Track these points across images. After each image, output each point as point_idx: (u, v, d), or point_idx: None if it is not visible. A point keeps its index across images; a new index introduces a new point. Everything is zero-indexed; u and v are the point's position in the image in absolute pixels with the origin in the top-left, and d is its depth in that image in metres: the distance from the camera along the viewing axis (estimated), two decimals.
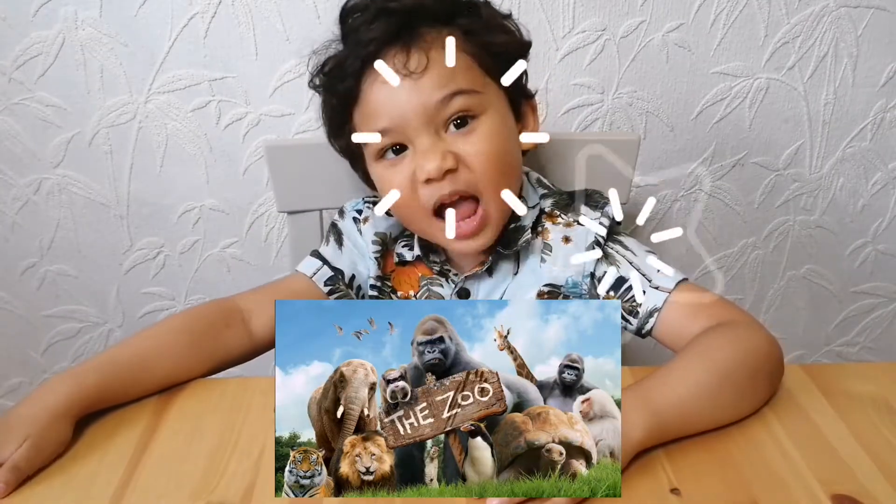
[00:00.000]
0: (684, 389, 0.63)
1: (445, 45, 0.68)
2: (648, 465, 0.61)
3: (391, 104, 0.72)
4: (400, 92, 0.71)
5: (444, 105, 0.71)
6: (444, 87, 0.71)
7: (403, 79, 0.70)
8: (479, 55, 0.74)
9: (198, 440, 0.65)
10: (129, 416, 0.68)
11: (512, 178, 0.77)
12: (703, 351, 0.67)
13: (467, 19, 0.75)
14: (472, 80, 0.73)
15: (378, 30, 0.72)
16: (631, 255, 0.79)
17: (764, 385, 0.68)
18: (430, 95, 0.71)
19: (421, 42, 0.72)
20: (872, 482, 0.59)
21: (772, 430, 0.65)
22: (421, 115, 0.71)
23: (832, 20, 1.14)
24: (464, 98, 0.72)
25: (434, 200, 0.73)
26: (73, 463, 0.63)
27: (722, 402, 0.64)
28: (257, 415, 0.68)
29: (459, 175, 0.72)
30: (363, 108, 0.75)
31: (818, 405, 0.69)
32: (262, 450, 0.64)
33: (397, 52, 0.72)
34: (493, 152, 0.73)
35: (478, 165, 0.73)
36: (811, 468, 0.61)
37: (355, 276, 0.85)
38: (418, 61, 0.71)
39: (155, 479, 0.61)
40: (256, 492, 0.59)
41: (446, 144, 0.72)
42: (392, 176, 0.74)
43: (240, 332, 0.79)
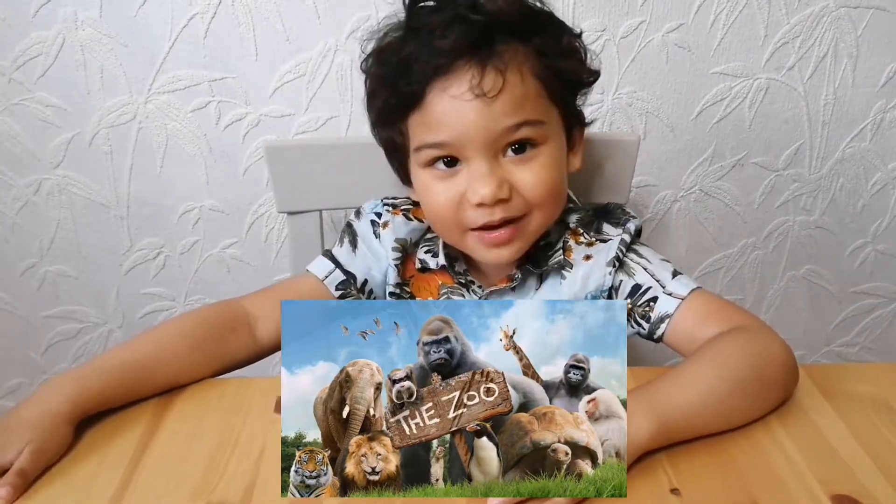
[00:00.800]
0: (693, 394, 0.62)
1: (520, 66, 0.67)
2: (649, 466, 0.61)
3: (456, 119, 0.70)
4: (468, 110, 0.69)
5: (509, 132, 0.70)
6: (513, 115, 0.69)
7: (475, 98, 0.68)
8: (548, 81, 0.72)
9: (198, 440, 0.65)
10: (129, 417, 0.68)
11: (560, 204, 0.77)
12: (713, 355, 0.66)
13: (543, 39, 0.72)
14: (540, 110, 0.72)
15: (454, 40, 0.69)
16: (646, 263, 0.78)
17: (776, 392, 0.67)
18: (498, 121, 0.69)
19: (497, 61, 0.69)
20: (872, 482, 0.59)
21: (772, 430, 0.65)
22: (484, 138, 0.70)
23: (832, 20, 1.14)
24: (530, 128, 0.71)
25: (482, 223, 0.72)
26: (74, 463, 0.63)
27: (731, 407, 0.64)
28: (257, 415, 0.68)
29: (512, 204, 0.72)
30: (424, 116, 0.72)
31: (818, 405, 0.69)
32: (261, 450, 0.64)
33: (472, 66, 0.69)
34: (549, 183, 0.73)
35: (532, 196, 0.72)
36: (811, 468, 0.61)
37: (367, 281, 0.84)
38: (493, 83, 0.68)
39: (155, 479, 0.61)
40: (256, 492, 0.59)
41: (503, 171, 0.71)
42: (440, 188, 0.73)
43: (245, 336, 0.78)
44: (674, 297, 0.75)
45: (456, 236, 0.76)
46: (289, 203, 0.97)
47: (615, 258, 0.78)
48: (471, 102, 0.69)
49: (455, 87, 0.69)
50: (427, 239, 0.84)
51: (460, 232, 0.75)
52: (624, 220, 0.81)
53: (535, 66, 0.71)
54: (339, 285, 0.83)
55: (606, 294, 0.79)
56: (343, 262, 0.84)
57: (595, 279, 0.79)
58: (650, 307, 0.75)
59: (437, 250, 0.82)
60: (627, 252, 0.79)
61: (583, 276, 0.79)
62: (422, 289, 0.83)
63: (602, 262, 0.79)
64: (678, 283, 0.76)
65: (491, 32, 0.69)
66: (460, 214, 0.73)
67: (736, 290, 1.38)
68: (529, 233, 0.75)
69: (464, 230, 0.74)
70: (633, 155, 0.95)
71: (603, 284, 0.78)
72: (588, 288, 0.79)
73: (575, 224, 0.81)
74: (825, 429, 0.66)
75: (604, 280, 0.78)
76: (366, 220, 0.85)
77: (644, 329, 0.76)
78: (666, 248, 1.30)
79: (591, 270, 0.79)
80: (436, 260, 0.81)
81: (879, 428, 0.66)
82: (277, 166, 0.94)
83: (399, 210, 0.84)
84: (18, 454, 0.60)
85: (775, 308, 1.40)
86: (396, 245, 0.82)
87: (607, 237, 0.79)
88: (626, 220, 0.80)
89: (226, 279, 1.30)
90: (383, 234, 0.83)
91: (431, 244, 0.83)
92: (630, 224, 0.80)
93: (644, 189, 1.25)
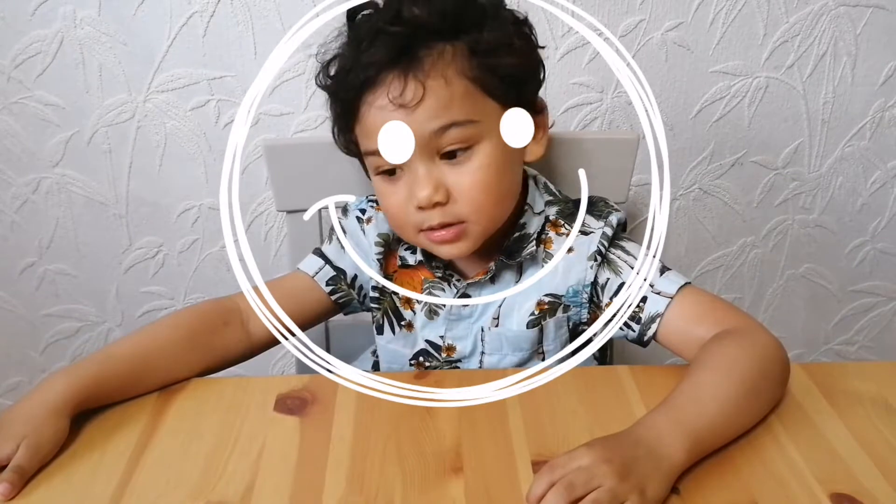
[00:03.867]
0: (716, 407, 0.62)
1: (444, 70, 0.68)
2: None
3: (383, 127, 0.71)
4: (394, 120, 0.70)
5: (437, 136, 0.70)
6: (438, 118, 0.70)
7: (398, 108, 0.69)
8: (481, 78, 0.72)
9: (197, 440, 0.65)
10: (128, 416, 0.68)
11: (506, 203, 0.76)
12: (723, 364, 0.66)
13: (473, 36, 0.72)
14: (469, 109, 0.71)
15: (377, 53, 0.70)
16: (633, 260, 0.77)
17: (779, 389, 0.68)
18: (423, 126, 0.69)
19: (418, 70, 0.69)
20: (871, 481, 0.59)
21: (771, 429, 0.65)
22: (415, 144, 0.70)
23: (831, 19, 1.14)
24: (458, 130, 0.70)
25: (423, 226, 0.73)
26: (73, 462, 0.63)
27: (747, 411, 0.65)
28: (256, 414, 0.68)
29: (448, 208, 0.72)
30: (361, 125, 0.74)
31: (817, 404, 0.69)
32: (261, 449, 0.64)
33: (394, 78, 0.69)
34: (486, 183, 0.72)
35: (468, 198, 0.72)
36: (810, 467, 0.61)
37: (357, 277, 0.85)
38: (413, 93, 0.69)
39: (154, 478, 0.61)
40: (255, 491, 0.59)
41: (440, 172, 0.72)
42: (389, 192, 0.75)
43: (238, 331, 0.79)
44: (663, 295, 0.74)
45: (411, 236, 0.77)
46: (288, 202, 0.97)
47: (596, 252, 0.77)
48: (394, 112, 0.69)
49: (380, 98, 0.70)
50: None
51: (413, 232, 0.75)
52: (606, 212, 0.79)
53: (463, 65, 0.71)
54: (329, 281, 0.84)
55: (589, 288, 0.78)
56: (332, 258, 0.85)
57: (576, 272, 0.78)
58: (640, 307, 0.75)
59: (415, 247, 0.82)
60: (612, 247, 0.78)
61: (563, 268, 0.78)
62: (405, 283, 0.83)
63: (583, 255, 0.78)
64: (667, 281, 0.75)
65: (411, 41, 0.70)
66: (409, 218, 0.74)
67: (735, 289, 1.38)
68: (476, 233, 0.74)
69: (416, 231, 0.75)
70: (632, 153, 0.94)
71: (584, 278, 0.78)
72: (569, 281, 0.78)
73: (555, 216, 0.80)
74: (824, 428, 0.66)
75: (585, 274, 0.78)
76: (352, 217, 0.86)
77: (634, 331, 0.76)
78: (665, 246, 1.30)
79: (572, 263, 0.78)
80: (414, 256, 0.82)
81: (878, 427, 0.66)
82: (276, 165, 0.94)
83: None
84: (15, 450, 0.60)
85: (774, 307, 1.40)
86: (379, 240, 0.83)
87: (589, 230, 0.78)
88: (609, 212, 0.79)
89: (225, 277, 1.30)
90: (368, 229, 0.84)
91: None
92: (612, 217, 0.78)
93: (643, 188, 1.25)
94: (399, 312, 0.84)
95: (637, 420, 0.61)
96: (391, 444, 0.64)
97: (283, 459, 0.63)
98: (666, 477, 0.57)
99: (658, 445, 0.58)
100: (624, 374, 0.73)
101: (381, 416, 0.68)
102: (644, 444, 0.58)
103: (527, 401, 0.69)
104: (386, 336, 0.85)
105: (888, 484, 0.59)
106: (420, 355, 0.83)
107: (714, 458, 0.62)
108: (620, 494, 0.54)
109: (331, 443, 0.64)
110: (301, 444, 0.65)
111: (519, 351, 0.80)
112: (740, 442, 0.64)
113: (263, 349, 0.81)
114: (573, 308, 0.79)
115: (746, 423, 0.65)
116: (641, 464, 0.56)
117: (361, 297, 0.86)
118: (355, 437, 0.65)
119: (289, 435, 0.66)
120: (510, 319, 0.80)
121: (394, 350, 0.85)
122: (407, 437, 0.65)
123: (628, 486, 0.55)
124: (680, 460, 0.58)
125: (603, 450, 0.57)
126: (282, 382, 0.73)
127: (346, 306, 0.86)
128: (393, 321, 0.84)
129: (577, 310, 0.80)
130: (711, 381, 0.65)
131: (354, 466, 0.62)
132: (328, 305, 0.85)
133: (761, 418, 0.66)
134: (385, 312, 0.84)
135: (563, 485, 0.54)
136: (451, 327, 0.82)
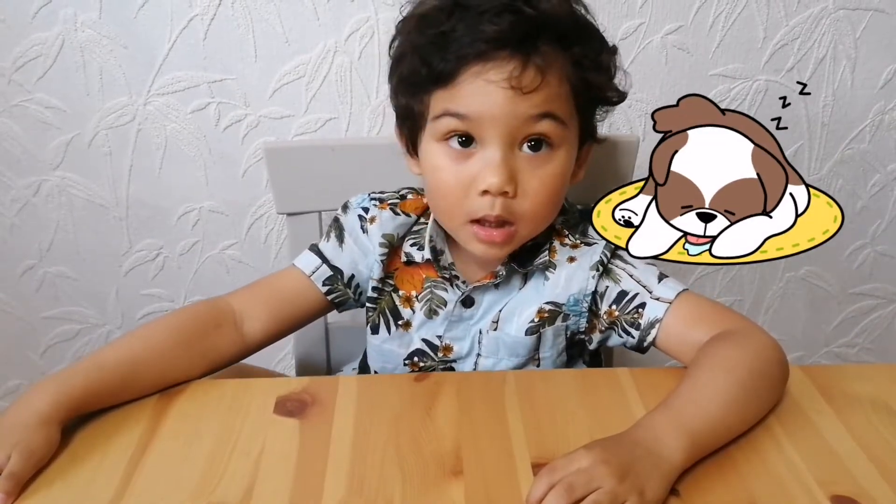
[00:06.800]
0: (715, 407, 0.63)
1: (561, 69, 0.69)
2: None
3: (484, 98, 0.69)
4: (500, 95, 0.68)
5: (532, 122, 0.70)
6: (540, 105, 0.69)
7: (510, 88, 0.68)
8: (578, 89, 0.72)
9: (197, 441, 0.65)
10: (128, 418, 0.68)
11: (552, 217, 0.77)
12: (721, 364, 0.66)
13: (582, 49, 0.72)
14: (565, 111, 0.72)
15: (501, 28, 0.67)
16: (631, 269, 0.78)
17: (778, 389, 0.68)
18: (525, 109, 0.69)
19: (539, 59, 0.69)
20: (871, 483, 0.60)
21: (771, 431, 0.65)
22: (507, 123, 0.69)
23: (831, 22, 1.14)
24: (552, 123, 0.70)
25: (481, 215, 0.72)
26: (72, 465, 0.62)
27: (746, 413, 0.65)
28: (257, 416, 0.68)
29: (511, 204, 0.71)
30: (452, 91, 0.70)
31: (817, 406, 0.69)
32: (261, 451, 0.64)
33: (513, 59, 0.68)
34: (553, 190, 0.73)
35: (533, 199, 0.72)
36: (810, 469, 0.61)
37: (354, 276, 0.84)
38: (532, 80, 0.68)
39: (154, 480, 0.61)
40: (256, 493, 0.59)
41: (516, 164, 0.71)
42: (451, 169, 0.72)
43: (231, 333, 0.78)
44: (661, 301, 0.75)
45: (455, 222, 0.75)
46: (288, 204, 0.97)
47: (599, 262, 0.78)
48: (505, 91, 0.68)
49: (493, 73, 0.68)
50: (413, 232, 0.83)
51: (461, 220, 0.74)
52: None
53: (569, 73, 0.71)
54: (325, 281, 0.83)
55: (590, 298, 0.78)
56: (330, 256, 0.84)
57: (578, 282, 0.78)
58: (639, 314, 0.76)
59: (423, 243, 0.81)
60: (612, 258, 0.79)
61: (566, 277, 0.79)
62: (405, 281, 0.83)
63: (586, 265, 0.78)
64: (665, 287, 0.76)
65: (539, 30, 0.69)
66: (464, 201, 0.72)
67: (735, 292, 1.37)
68: (520, 237, 0.75)
69: (463, 219, 0.74)
70: (632, 156, 0.95)
71: (586, 288, 0.78)
72: (571, 290, 0.79)
73: (560, 225, 0.81)
74: (824, 429, 0.66)
75: (587, 283, 0.78)
76: (353, 215, 0.84)
77: (633, 338, 0.76)
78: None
79: (574, 273, 0.79)
80: (421, 253, 0.81)
81: (878, 428, 0.66)
82: (277, 167, 0.94)
83: (386, 204, 0.83)
84: (7, 458, 0.59)
85: (774, 309, 1.40)
86: (384, 240, 0.82)
87: (592, 241, 0.79)
88: None
89: (225, 280, 1.30)
90: (371, 229, 0.83)
91: (417, 237, 0.83)
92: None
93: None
94: (397, 311, 0.83)
95: (636, 421, 0.62)
96: (391, 446, 0.64)
97: (282, 461, 0.63)
98: (665, 478, 0.57)
99: (657, 446, 0.58)
100: (623, 376, 0.73)
101: (380, 418, 0.68)
102: (643, 445, 0.58)
103: (526, 403, 0.69)
104: (381, 335, 0.85)
105: (888, 486, 0.59)
106: (415, 355, 0.83)
107: (714, 459, 0.62)
108: (620, 495, 0.54)
109: (330, 445, 0.64)
110: (301, 446, 0.64)
111: (515, 356, 0.80)
112: (740, 443, 0.64)
113: (258, 349, 0.81)
114: (572, 317, 0.80)
115: (745, 424, 0.65)
116: (640, 465, 0.57)
117: (357, 296, 0.85)
118: (355, 439, 0.65)
119: (288, 437, 0.66)
120: (510, 324, 0.80)
121: (388, 350, 0.85)
122: (407, 439, 0.65)
123: (627, 487, 0.55)
124: (679, 461, 0.59)
125: (602, 451, 0.57)
126: (281, 384, 0.73)
127: (341, 305, 0.85)
128: (390, 320, 0.84)
129: (576, 318, 0.80)
130: (710, 381, 0.65)
131: (354, 468, 0.62)
132: (323, 305, 0.84)
133: (760, 419, 0.66)
134: (382, 311, 0.84)
135: (562, 486, 0.54)
136: (451, 328, 0.82)
